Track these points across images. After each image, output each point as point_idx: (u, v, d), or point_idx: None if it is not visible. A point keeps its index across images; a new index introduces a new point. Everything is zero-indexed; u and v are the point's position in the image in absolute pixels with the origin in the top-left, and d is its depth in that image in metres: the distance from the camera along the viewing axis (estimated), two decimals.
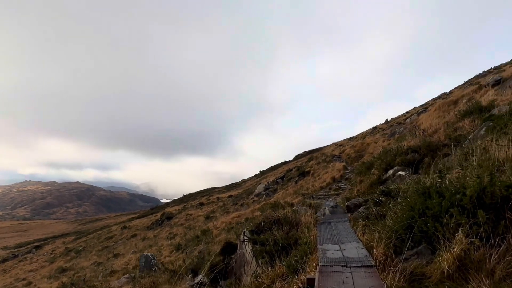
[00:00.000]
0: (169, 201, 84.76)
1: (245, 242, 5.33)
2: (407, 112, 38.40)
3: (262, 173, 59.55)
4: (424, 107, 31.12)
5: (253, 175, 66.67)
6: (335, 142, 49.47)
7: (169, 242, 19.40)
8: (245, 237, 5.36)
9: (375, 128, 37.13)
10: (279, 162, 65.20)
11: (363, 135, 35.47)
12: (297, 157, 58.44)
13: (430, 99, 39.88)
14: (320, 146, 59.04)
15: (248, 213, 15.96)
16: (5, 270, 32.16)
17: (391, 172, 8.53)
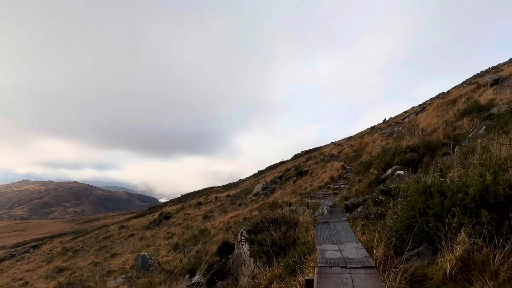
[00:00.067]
0: (167, 201, 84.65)
1: (242, 242, 5.24)
2: (405, 112, 38.45)
3: (261, 173, 59.52)
4: (422, 107, 31.15)
5: (252, 175, 66.65)
6: (334, 142, 49.51)
7: (167, 242, 19.31)
8: (242, 237, 5.27)
9: (373, 128, 37.17)
10: (278, 162, 65.21)
11: (361, 135, 35.47)
12: (296, 157, 58.43)
13: (428, 99, 39.95)
14: (319, 146, 59.07)
15: (246, 213, 15.89)
16: (2, 270, 31.97)
17: (390, 172, 8.48)
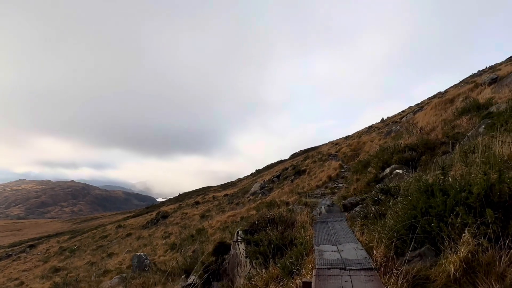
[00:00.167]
0: (165, 200, 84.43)
1: (239, 242, 5.12)
2: (403, 111, 38.45)
3: (258, 172, 59.45)
4: (420, 106, 31.16)
5: (249, 174, 66.57)
6: (331, 141, 49.51)
7: (164, 241, 19.18)
8: (239, 237, 5.15)
9: (371, 127, 37.17)
10: (275, 161, 65.18)
11: (359, 134, 35.44)
12: (293, 156, 58.41)
13: (426, 98, 40.00)
14: (316, 145, 59.07)
15: (244, 212, 15.78)
16: None
17: (388, 171, 8.40)
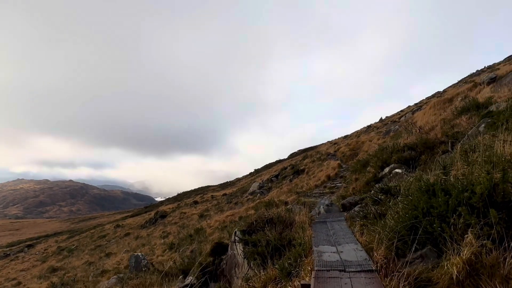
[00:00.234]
0: (163, 200, 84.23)
1: (236, 243, 5.05)
2: (402, 111, 38.44)
3: (257, 172, 59.36)
4: (419, 106, 31.13)
5: (248, 174, 66.49)
6: (330, 141, 49.47)
7: (162, 241, 19.11)
8: (236, 238, 5.08)
9: (370, 127, 37.16)
10: (274, 161, 65.09)
11: (358, 134, 35.42)
12: (292, 156, 58.35)
13: (425, 98, 39.98)
14: (315, 145, 59.03)
15: (242, 212, 15.71)
16: None
17: (387, 170, 8.34)
